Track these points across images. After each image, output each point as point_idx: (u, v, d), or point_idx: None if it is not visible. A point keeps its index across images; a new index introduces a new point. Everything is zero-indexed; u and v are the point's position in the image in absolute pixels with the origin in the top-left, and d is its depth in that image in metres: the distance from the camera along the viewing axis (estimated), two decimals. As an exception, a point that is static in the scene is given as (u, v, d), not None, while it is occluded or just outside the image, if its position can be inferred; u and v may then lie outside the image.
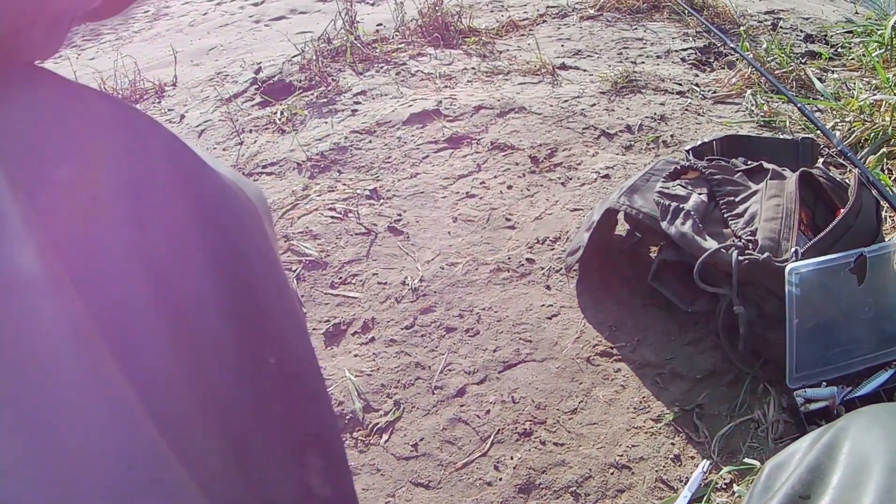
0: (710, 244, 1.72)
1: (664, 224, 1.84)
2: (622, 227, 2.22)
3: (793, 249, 1.66)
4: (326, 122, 3.20)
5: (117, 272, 0.46)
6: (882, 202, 1.89)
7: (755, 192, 1.89)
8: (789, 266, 1.61)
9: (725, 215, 1.85)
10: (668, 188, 1.92)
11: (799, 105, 2.35)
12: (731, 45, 3.10)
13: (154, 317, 0.47)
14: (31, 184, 0.44)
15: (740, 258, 1.65)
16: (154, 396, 0.43)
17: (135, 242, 0.48)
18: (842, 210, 1.75)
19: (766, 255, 1.65)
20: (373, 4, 5.27)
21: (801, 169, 1.90)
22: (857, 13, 4.28)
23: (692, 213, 1.81)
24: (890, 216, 2.22)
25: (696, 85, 3.39)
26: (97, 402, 0.36)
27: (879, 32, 3.55)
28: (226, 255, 0.55)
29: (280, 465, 0.54)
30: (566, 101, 3.22)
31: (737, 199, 1.88)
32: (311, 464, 0.57)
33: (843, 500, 0.68)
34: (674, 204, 1.85)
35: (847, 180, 1.91)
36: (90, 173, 0.48)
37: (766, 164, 1.99)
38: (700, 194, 1.89)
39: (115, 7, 0.62)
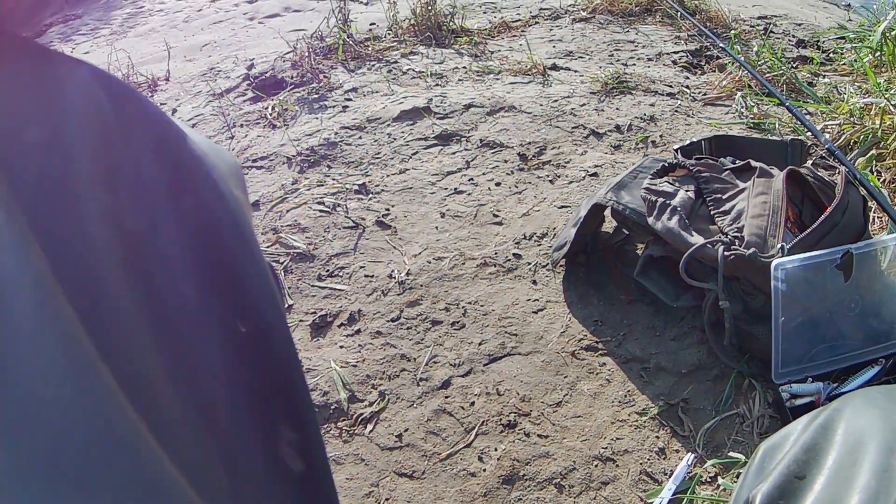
0: (697, 239, 1.72)
1: (651, 219, 1.84)
2: (609, 224, 2.22)
3: (779, 245, 1.66)
4: (317, 118, 3.21)
5: (87, 235, 0.45)
6: (869, 201, 1.90)
7: (742, 190, 1.89)
8: (775, 262, 1.61)
9: (712, 212, 1.85)
10: (655, 184, 1.92)
11: (788, 105, 2.36)
12: (722, 46, 3.11)
13: (123, 281, 0.46)
14: (2, 145, 0.44)
15: (726, 253, 1.65)
16: (119, 361, 0.42)
17: (106, 206, 0.48)
18: (828, 208, 1.75)
19: (752, 250, 1.65)
20: (366, 3, 5.29)
21: (789, 167, 1.91)
22: (850, 20, 4.28)
23: (679, 209, 1.81)
24: (878, 216, 2.22)
25: (687, 87, 3.40)
26: (50, 349, 0.35)
27: (871, 38, 3.56)
28: (199, 221, 0.55)
29: (251, 437, 0.53)
30: (556, 100, 3.23)
31: (724, 197, 1.88)
32: (284, 437, 0.56)
33: (838, 480, 0.69)
34: (661, 200, 1.85)
35: (835, 181, 1.91)
36: (62, 135, 0.47)
37: (753, 163, 1.99)
38: (687, 191, 1.89)
39: None
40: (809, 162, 2.46)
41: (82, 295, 0.42)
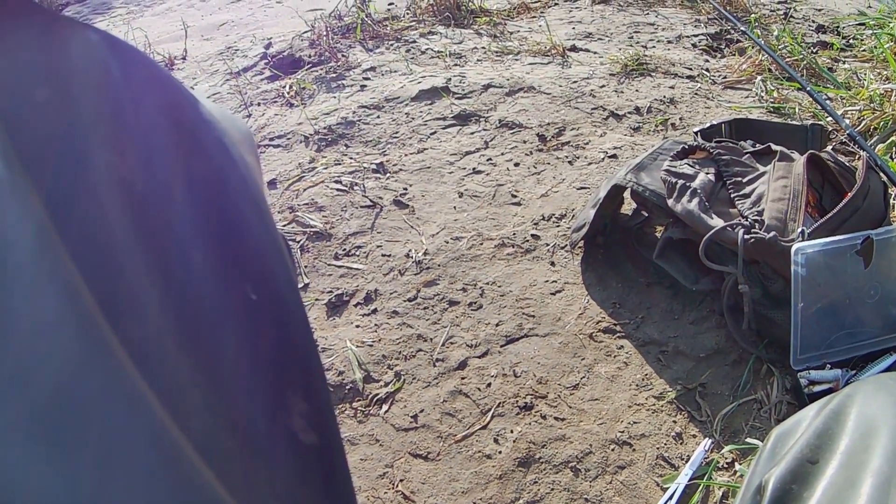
0: (717, 222, 1.71)
1: (671, 202, 1.83)
2: (628, 206, 2.21)
3: (799, 230, 1.65)
4: (335, 97, 3.20)
5: (95, 196, 0.45)
6: (890, 187, 1.89)
7: (763, 174, 1.88)
8: (795, 246, 1.60)
9: (732, 195, 1.84)
10: (675, 167, 1.91)
11: (809, 89, 2.34)
12: (743, 29, 3.09)
13: (131, 244, 0.46)
14: (8, 104, 0.43)
15: (746, 237, 1.64)
16: (124, 322, 0.42)
17: (114, 167, 0.47)
18: (849, 193, 1.74)
19: (772, 234, 1.64)
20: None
21: (810, 151, 1.89)
22: (870, 7, 4.25)
23: (699, 191, 1.80)
24: (898, 203, 2.21)
25: (707, 70, 3.38)
26: (48, 299, 0.35)
27: (892, 25, 3.54)
28: (209, 185, 0.54)
29: (261, 406, 0.53)
30: (575, 81, 3.21)
31: (744, 180, 1.87)
32: (295, 407, 0.55)
33: (851, 464, 0.69)
34: (681, 182, 1.84)
35: (856, 166, 1.90)
36: (69, 96, 0.47)
37: (774, 146, 1.98)
38: (707, 174, 1.88)
39: None
40: (829, 147, 2.45)
41: (88, 253, 0.41)
